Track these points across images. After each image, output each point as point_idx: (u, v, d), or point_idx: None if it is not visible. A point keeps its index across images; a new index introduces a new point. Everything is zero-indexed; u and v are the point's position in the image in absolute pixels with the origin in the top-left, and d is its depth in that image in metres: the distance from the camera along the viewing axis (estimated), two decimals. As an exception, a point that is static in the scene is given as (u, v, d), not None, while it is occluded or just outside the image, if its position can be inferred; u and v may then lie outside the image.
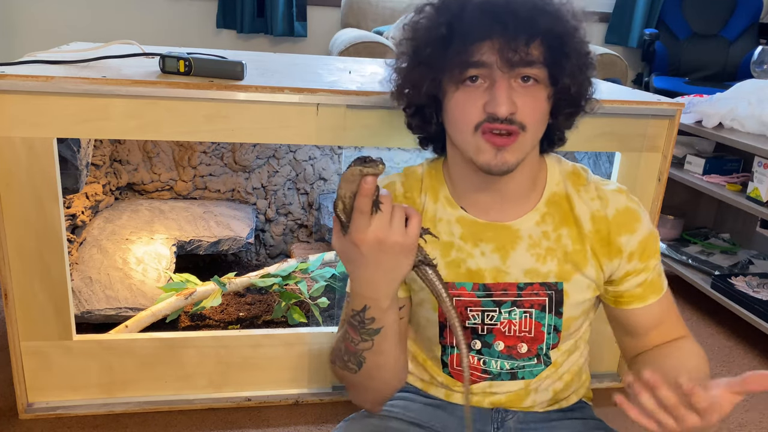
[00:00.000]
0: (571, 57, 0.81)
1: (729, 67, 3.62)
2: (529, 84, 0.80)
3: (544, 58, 0.79)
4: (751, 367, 1.87)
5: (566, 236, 0.90)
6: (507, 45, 0.76)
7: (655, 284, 0.92)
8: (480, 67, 0.78)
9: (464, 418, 0.95)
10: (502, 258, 0.90)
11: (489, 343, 0.93)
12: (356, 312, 0.82)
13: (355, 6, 3.35)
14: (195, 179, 2.16)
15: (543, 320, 0.91)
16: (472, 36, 0.77)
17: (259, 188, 2.20)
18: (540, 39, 0.78)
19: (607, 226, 0.90)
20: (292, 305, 1.76)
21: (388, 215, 0.74)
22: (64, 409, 1.44)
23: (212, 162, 2.15)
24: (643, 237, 0.90)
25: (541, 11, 0.78)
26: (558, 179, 0.92)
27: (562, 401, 0.97)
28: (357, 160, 0.71)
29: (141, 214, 2.00)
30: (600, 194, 0.91)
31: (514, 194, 0.89)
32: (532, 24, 0.76)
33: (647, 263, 0.91)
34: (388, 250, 0.75)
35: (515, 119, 0.79)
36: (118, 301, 1.69)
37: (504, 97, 0.77)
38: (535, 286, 0.90)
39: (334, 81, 1.42)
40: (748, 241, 2.43)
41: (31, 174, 1.27)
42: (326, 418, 1.50)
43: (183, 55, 1.31)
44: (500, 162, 0.81)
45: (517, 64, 0.77)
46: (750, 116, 2.06)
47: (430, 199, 0.93)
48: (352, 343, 0.84)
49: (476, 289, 0.91)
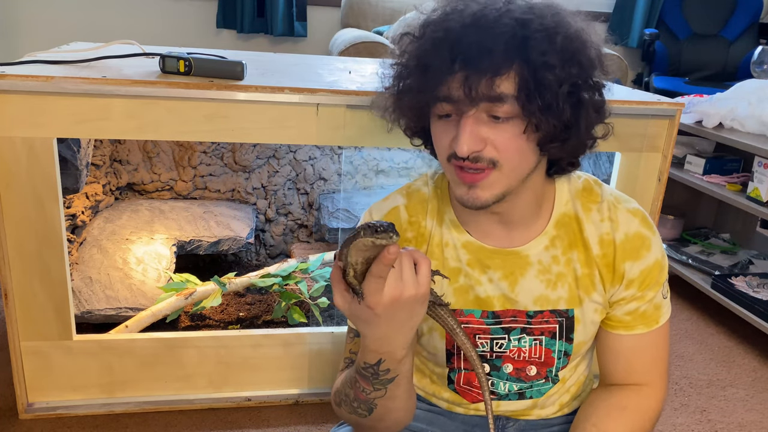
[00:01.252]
0: (542, 92, 0.72)
1: (729, 67, 3.62)
2: (499, 121, 0.74)
3: (515, 92, 0.72)
4: (751, 368, 1.87)
5: (576, 260, 0.86)
6: (467, 81, 0.71)
7: (648, 316, 0.87)
8: (448, 102, 0.74)
9: (465, 423, 0.95)
10: (510, 285, 0.87)
11: (498, 366, 0.90)
12: (369, 365, 0.77)
13: (355, 6, 3.35)
14: (195, 179, 2.16)
15: (553, 347, 0.89)
16: (436, 72, 0.73)
17: (259, 188, 2.20)
18: (510, 71, 0.72)
19: (613, 250, 0.85)
20: (292, 305, 1.76)
21: (398, 271, 0.69)
22: (64, 409, 1.44)
23: (212, 162, 2.15)
24: (646, 266, 0.85)
25: (510, 40, 0.71)
26: (567, 199, 0.87)
27: (565, 408, 0.96)
28: (366, 228, 0.66)
29: (141, 214, 2.00)
30: (612, 215, 0.86)
31: (518, 219, 0.85)
32: (493, 57, 0.70)
33: (644, 293, 0.86)
34: (404, 305, 0.70)
35: (482, 156, 0.74)
36: (118, 301, 1.69)
37: (465, 136, 0.73)
38: (545, 313, 0.87)
39: (334, 81, 1.42)
40: (748, 241, 2.43)
41: (31, 174, 1.27)
42: (326, 418, 1.50)
43: (183, 55, 1.31)
44: (473, 198, 0.77)
45: (479, 100, 0.72)
46: (750, 116, 2.06)
47: (437, 223, 0.89)
48: (363, 392, 0.80)
49: (485, 316, 0.88)
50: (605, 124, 0.82)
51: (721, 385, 1.76)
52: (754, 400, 1.71)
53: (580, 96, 0.75)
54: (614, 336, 0.89)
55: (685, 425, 1.59)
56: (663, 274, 0.87)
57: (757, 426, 1.60)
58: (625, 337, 0.88)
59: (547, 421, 0.95)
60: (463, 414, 0.95)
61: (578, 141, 0.79)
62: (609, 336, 0.89)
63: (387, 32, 3.04)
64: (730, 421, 1.61)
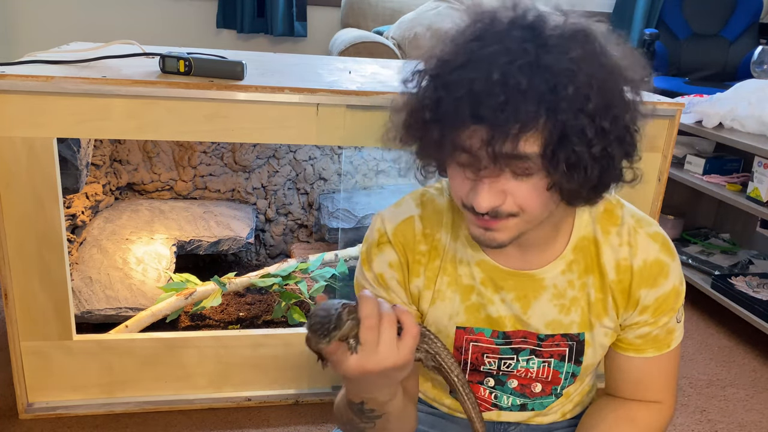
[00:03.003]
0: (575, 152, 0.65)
1: (729, 67, 3.62)
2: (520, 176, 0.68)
3: (541, 150, 0.66)
4: (751, 368, 1.87)
5: (591, 285, 0.83)
6: (492, 140, 0.64)
7: (660, 340, 0.85)
8: (466, 152, 0.68)
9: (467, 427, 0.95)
10: (523, 307, 0.84)
11: (503, 381, 0.90)
12: (354, 403, 0.75)
13: (355, 6, 3.35)
14: (195, 179, 2.16)
15: (561, 369, 0.87)
16: (454, 122, 0.66)
17: (259, 188, 2.20)
18: (537, 127, 0.64)
19: (630, 276, 0.82)
20: (292, 305, 1.76)
21: (374, 343, 0.64)
22: (64, 409, 1.44)
23: (212, 162, 2.15)
24: (663, 293, 0.82)
25: (537, 92, 0.62)
26: (587, 222, 0.83)
27: (568, 414, 0.96)
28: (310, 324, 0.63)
29: (141, 214, 2.00)
30: (631, 240, 0.82)
31: (534, 243, 0.81)
32: (518, 113, 0.62)
33: (658, 319, 0.84)
34: (379, 375, 0.66)
35: (501, 211, 0.70)
36: (118, 301, 1.69)
37: (485, 193, 0.68)
38: (556, 337, 0.85)
39: (334, 81, 1.42)
40: (748, 241, 2.43)
41: (31, 174, 1.27)
42: (326, 418, 1.50)
43: (183, 55, 1.31)
44: (489, 239, 0.74)
45: (502, 160, 0.66)
46: (750, 116, 2.06)
47: (451, 238, 0.85)
48: (353, 422, 0.78)
49: (495, 336, 0.86)
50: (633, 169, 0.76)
51: (721, 385, 1.76)
52: (754, 400, 1.71)
53: (609, 152, 0.69)
54: (624, 357, 0.88)
55: (685, 425, 1.59)
56: (679, 300, 0.84)
57: (757, 426, 1.60)
58: (634, 360, 0.87)
59: (549, 426, 0.95)
60: (464, 418, 0.95)
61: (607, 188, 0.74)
62: (618, 356, 0.88)
63: (387, 32, 3.04)
64: (730, 421, 1.61)
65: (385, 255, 0.85)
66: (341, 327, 0.63)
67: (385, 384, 0.70)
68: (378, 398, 0.73)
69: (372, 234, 0.87)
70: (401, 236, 0.85)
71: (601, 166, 0.69)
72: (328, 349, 0.64)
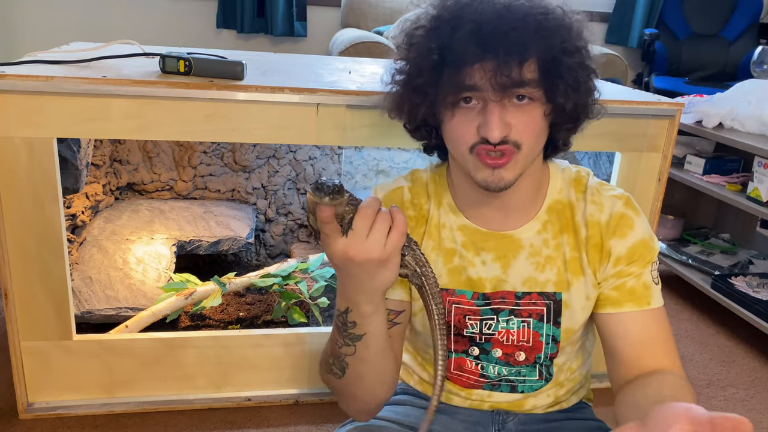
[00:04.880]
0: (566, 76, 0.79)
1: (729, 67, 3.62)
2: (523, 102, 0.78)
3: (538, 78, 0.78)
4: (751, 368, 1.87)
5: (566, 244, 0.89)
6: (498, 69, 0.75)
7: (637, 293, 0.87)
8: (472, 90, 0.78)
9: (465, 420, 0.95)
10: (502, 267, 0.90)
11: (487, 350, 0.92)
12: (340, 312, 0.80)
13: (355, 6, 3.35)
14: (195, 179, 2.16)
15: (541, 330, 0.90)
16: (463, 61, 0.76)
17: (259, 188, 2.20)
18: (534, 57, 0.77)
19: (599, 230, 0.88)
20: (292, 305, 1.76)
21: (363, 232, 0.71)
22: (64, 409, 1.44)
23: (212, 162, 2.15)
24: (632, 243, 0.87)
25: (534, 32, 0.76)
26: (561, 186, 0.91)
27: (563, 402, 0.97)
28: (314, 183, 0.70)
29: (141, 214, 2.00)
30: (596, 199, 0.90)
31: (517, 205, 0.89)
32: (523, 46, 0.75)
33: (629, 268, 0.87)
34: (362, 265, 0.73)
35: (509, 139, 0.78)
36: (118, 301, 1.69)
37: (496, 122, 0.77)
38: (533, 295, 0.89)
39: (334, 81, 1.42)
40: (748, 241, 2.43)
41: (31, 174, 1.27)
42: (326, 418, 1.50)
43: (183, 55, 1.31)
44: (497, 179, 0.80)
45: (509, 87, 0.76)
46: (750, 116, 2.06)
47: (435, 205, 0.93)
48: (336, 345, 0.83)
49: (476, 298, 0.90)
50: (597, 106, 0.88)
51: (721, 385, 1.76)
52: (754, 400, 1.71)
53: (587, 82, 0.82)
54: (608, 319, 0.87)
55: (685, 425, 1.58)
56: (651, 253, 0.88)
57: (757, 426, 1.60)
58: (620, 317, 0.87)
59: (546, 416, 0.96)
60: (461, 407, 0.96)
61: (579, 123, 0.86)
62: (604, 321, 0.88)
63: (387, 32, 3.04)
64: (730, 421, 1.61)
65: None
66: (342, 194, 0.69)
67: (368, 281, 0.75)
68: (361, 306, 0.77)
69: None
70: (391, 201, 0.93)
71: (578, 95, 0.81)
72: (322, 214, 0.69)
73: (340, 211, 0.71)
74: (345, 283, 0.77)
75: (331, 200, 0.69)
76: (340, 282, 0.78)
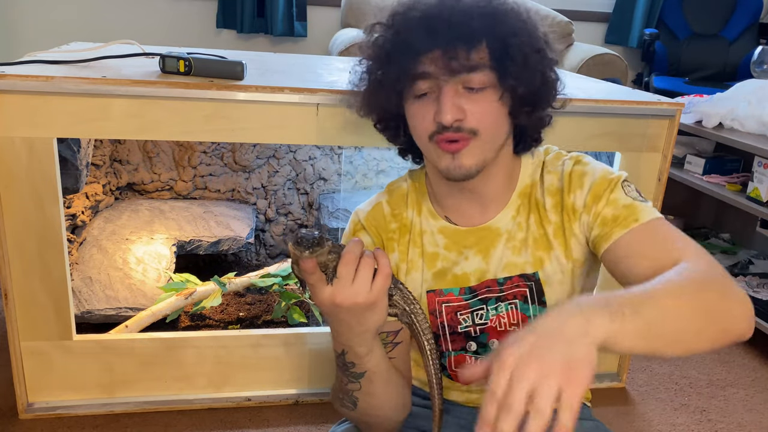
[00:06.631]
0: (516, 58, 0.79)
1: (729, 67, 3.62)
2: (476, 91, 0.80)
3: (489, 62, 0.79)
4: (751, 368, 1.87)
5: (533, 222, 0.90)
6: (446, 54, 0.77)
7: (620, 218, 0.83)
8: (425, 79, 0.80)
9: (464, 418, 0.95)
10: (484, 258, 0.91)
11: (484, 343, 0.92)
12: (338, 354, 0.81)
13: (355, 6, 3.35)
14: (195, 179, 2.16)
15: (528, 312, 0.91)
16: (414, 49, 0.79)
17: (259, 188, 2.20)
18: (482, 43, 0.79)
19: (560, 195, 0.89)
20: (292, 305, 1.76)
21: (349, 278, 0.71)
22: (64, 409, 1.44)
23: (212, 162, 2.15)
24: (591, 185, 0.87)
25: (478, 16, 0.78)
26: (530, 171, 0.92)
27: None
28: (294, 237, 0.70)
29: (141, 214, 2.00)
30: (550, 168, 0.91)
31: (491, 195, 0.90)
32: (467, 31, 0.77)
33: (600, 204, 0.85)
34: (349, 311, 0.73)
35: (463, 126, 0.79)
36: (118, 301, 1.69)
37: (448, 105, 0.78)
38: (514, 279, 0.90)
39: (334, 81, 1.42)
40: (748, 241, 2.43)
41: (31, 174, 1.27)
42: (326, 418, 1.50)
43: (183, 55, 1.31)
44: (457, 166, 0.82)
45: (458, 71, 0.78)
46: (750, 116, 2.06)
47: (416, 213, 0.94)
48: (342, 382, 0.84)
49: (463, 293, 0.91)
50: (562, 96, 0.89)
51: (721, 385, 1.76)
52: (754, 400, 1.71)
53: (541, 63, 0.82)
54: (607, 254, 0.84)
55: (685, 425, 1.59)
56: (612, 180, 0.86)
57: (757, 426, 1.60)
58: (612, 248, 0.83)
59: None
60: (461, 405, 0.96)
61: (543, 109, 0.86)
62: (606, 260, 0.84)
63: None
64: (730, 421, 1.61)
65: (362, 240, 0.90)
66: (322, 246, 0.70)
67: (358, 325, 0.75)
68: (355, 348, 0.78)
69: (348, 227, 0.97)
70: (373, 220, 0.94)
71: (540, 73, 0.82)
72: (306, 267, 0.70)
73: (322, 260, 0.71)
74: (336, 327, 0.77)
75: (311, 253, 0.69)
76: (332, 327, 0.78)
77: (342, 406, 0.87)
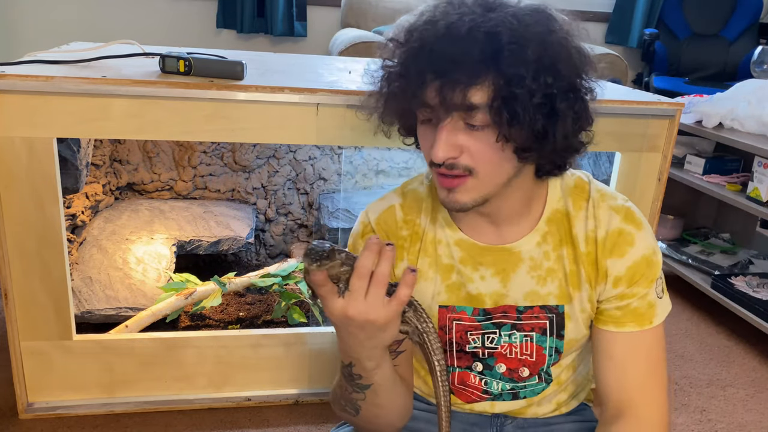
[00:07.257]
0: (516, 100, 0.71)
1: (729, 67, 3.62)
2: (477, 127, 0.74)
3: (488, 101, 0.72)
4: (751, 368, 1.87)
5: (566, 256, 0.86)
6: (443, 90, 0.71)
7: (641, 314, 0.84)
8: (427, 108, 0.76)
9: (463, 421, 0.95)
10: (502, 281, 0.87)
11: (491, 366, 0.91)
12: (344, 365, 0.79)
13: (355, 6, 3.35)
14: (195, 179, 2.16)
15: (544, 344, 0.88)
16: (419, 78, 0.74)
17: (259, 188, 2.20)
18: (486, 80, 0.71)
19: (595, 248, 0.85)
20: (292, 305, 1.76)
21: (362, 292, 0.69)
22: (64, 409, 1.44)
23: (212, 162, 2.15)
24: (633, 262, 0.83)
25: (481, 53, 0.70)
26: (559, 196, 0.87)
27: (563, 407, 0.96)
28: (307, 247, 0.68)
29: (141, 214, 2.00)
30: (595, 213, 0.85)
31: (506, 218, 0.85)
32: (467, 68, 0.70)
33: (633, 290, 0.84)
34: (362, 326, 0.71)
35: (458, 163, 0.75)
36: (118, 301, 1.69)
37: (441, 143, 0.74)
38: (535, 309, 0.87)
39: (334, 81, 1.42)
40: (748, 241, 2.43)
41: (31, 174, 1.27)
42: (326, 418, 1.50)
43: (183, 55, 1.31)
44: (452, 201, 0.78)
45: (453, 109, 0.73)
46: (750, 116, 2.06)
47: (430, 221, 0.90)
48: (345, 391, 0.82)
49: (476, 314, 0.88)
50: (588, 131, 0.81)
51: (721, 385, 1.76)
52: (754, 400, 1.71)
53: (554, 106, 0.73)
54: (605, 335, 0.86)
55: (685, 425, 1.59)
56: (654, 270, 0.84)
57: (757, 426, 1.61)
58: (617, 336, 0.85)
59: (546, 420, 0.95)
60: (460, 412, 0.95)
61: (555, 149, 0.77)
62: (600, 335, 0.87)
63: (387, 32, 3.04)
64: (730, 421, 1.61)
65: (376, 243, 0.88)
66: (333, 258, 0.68)
67: (368, 341, 0.73)
68: (363, 362, 0.76)
69: (356, 227, 0.93)
70: (384, 224, 0.90)
71: (545, 118, 0.73)
72: (316, 279, 0.68)
73: (334, 272, 0.69)
74: (345, 340, 0.75)
75: (319, 266, 0.67)
76: (341, 339, 0.76)
77: (343, 411, 0.86)
